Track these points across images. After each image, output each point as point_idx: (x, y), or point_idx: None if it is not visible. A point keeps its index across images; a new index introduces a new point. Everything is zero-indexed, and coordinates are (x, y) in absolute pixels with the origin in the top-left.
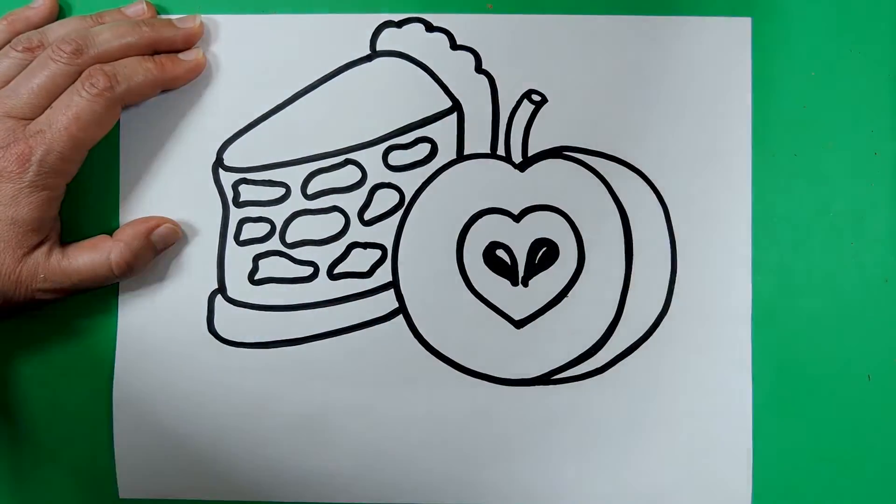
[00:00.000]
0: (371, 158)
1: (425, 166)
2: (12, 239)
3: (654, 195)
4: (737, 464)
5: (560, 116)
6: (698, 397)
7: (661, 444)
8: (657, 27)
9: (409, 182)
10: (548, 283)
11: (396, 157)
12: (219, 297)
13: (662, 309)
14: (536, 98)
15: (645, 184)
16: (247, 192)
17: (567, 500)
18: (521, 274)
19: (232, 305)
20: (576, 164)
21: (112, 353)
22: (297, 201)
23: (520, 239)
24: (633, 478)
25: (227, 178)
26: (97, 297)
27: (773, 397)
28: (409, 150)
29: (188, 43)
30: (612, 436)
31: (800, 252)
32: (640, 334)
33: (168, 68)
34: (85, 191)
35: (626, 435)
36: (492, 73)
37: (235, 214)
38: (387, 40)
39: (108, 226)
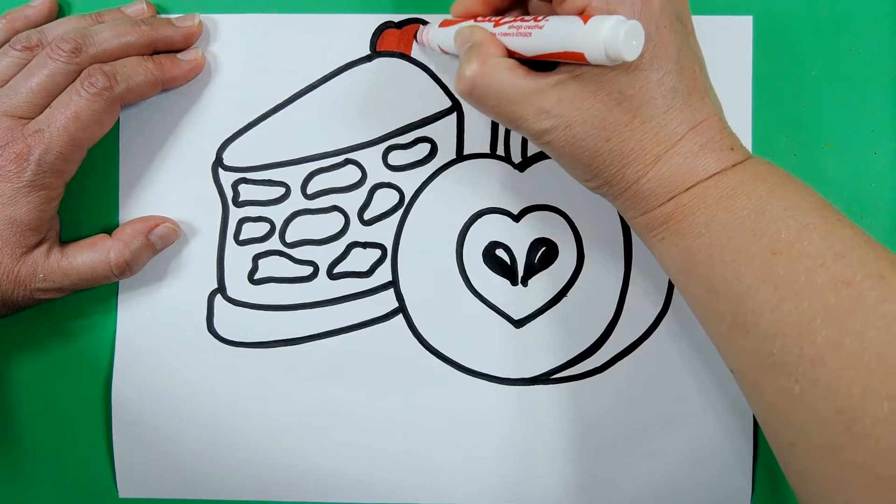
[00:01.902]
0: (371, 158)
1: (425, 166)
2: (11, 238)
3: None
4: (737, 464)
5: None
6: (698, 397)
7: (661, 444)
8: None
9: (409, 182)
10: (547, 282)
11: (396, 157)
12: (218, 297)
13: (662, 309)
14: None
15: None
16: (246, 192)
17: (567, 499)
18: (520, 274)
19: (232, 305)
20: None
21: (111, 352)
22: (296, 201)
23: (519, 239)
24: (632, 477)
25: (227, 178)
26: (96, 297)
27: None
28: (409, 150)
29: (187, 42)
30: (611, 435)
31: None
32: (640, 334)
33: (167, 68)
34: (84, 190)
35: (625, 434)
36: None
37: (235, 214)
38: (387, 41)
39: (108, 225)
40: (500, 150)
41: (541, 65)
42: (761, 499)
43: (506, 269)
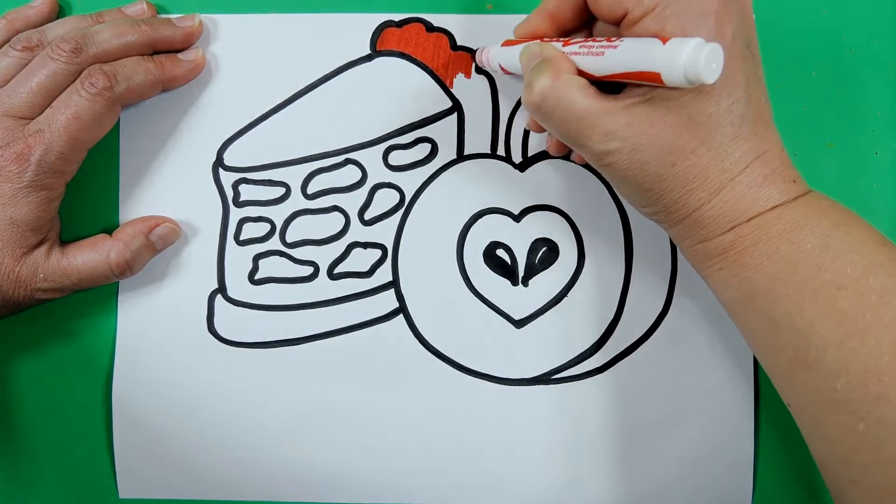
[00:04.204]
0: (371, 158)
1: (425, 166)
2: (11, 239)
3: None
4: (739, 464)
5: None
6: (699, 397)
7: (662, 444)
8: None
9: (409, 182)
10: (548, 282)
11: (396, 157)
12: (219, 297)
13: (662, 309)
14: None
15: None
16: (247, 192)
17: (567, 500)
18: (521, 274)
19: (232, 305)
20: (575, 165)
21: (112, 352)
22: (297, 201)
23: (520, 239)
24: (632, 478)
25: (227, 178)
26: (96, 297)
27: (776, 398)
28: (409, 150)
29: (187, 42)
30: (611, 436)
31: None
32: (640, 334)
33: (168, 68)
34: (85, 190)
35: (625, 435)
36: (492, 73)
37: (235, 214)
38: (387, 40)
39: (108, 225)
40: (501, 150)
41: (605, 88)
42: (762, 499)
43: (506, 270)
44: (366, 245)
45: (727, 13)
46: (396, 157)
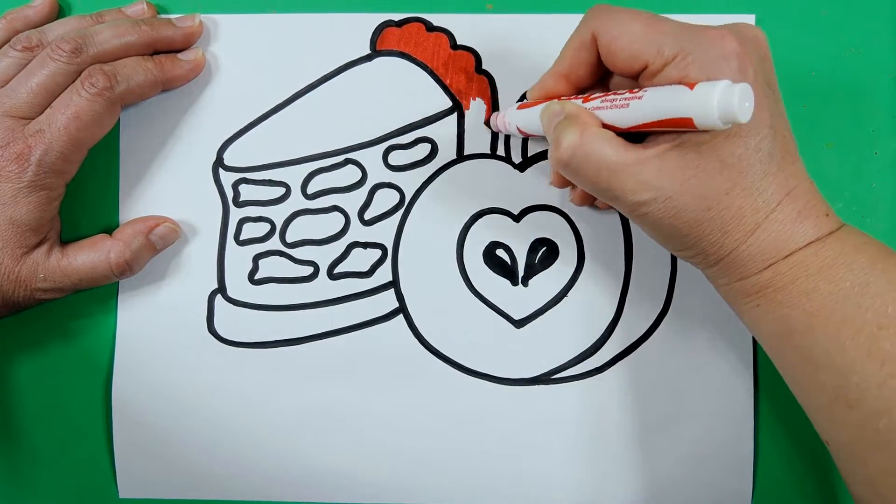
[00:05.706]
0: (371, 158)
1: (425, 166)
2: (11, 239)
3: None
4: (738, 465)
5: None
6: (699, 397)
7: (662, 445)
8: None
9: (409, 182)
10: (548, 282)
11: (396, 157)
12: (219, 297)
13: (662, 309)
14: None
15: None
16: (247, 192)
17: (567, 499)
18: (520, 274)
19: (232, 305)
20: None
21: (111, 352)
22: (297, 201)
23: (520, 239)
24: (633, 478)
25: (227, 178)
26: (96, 297)
27: (776, 398)
28: (409, 150)
29: (187, 42)
30: (611, 435)
31: None
32: (640, 334)
33: (168, 68)
34: (85, 190)
35: (625, 435)
36: (492, 73)
37: (235, 214)
38: (387, 40)
39: (108, 225)
40: (501, 151)
41: (627, 139)
42: (762, 499)
43: (506, 269)
44: (366, 245)
45: (747, 55)
46: (396, 157)
